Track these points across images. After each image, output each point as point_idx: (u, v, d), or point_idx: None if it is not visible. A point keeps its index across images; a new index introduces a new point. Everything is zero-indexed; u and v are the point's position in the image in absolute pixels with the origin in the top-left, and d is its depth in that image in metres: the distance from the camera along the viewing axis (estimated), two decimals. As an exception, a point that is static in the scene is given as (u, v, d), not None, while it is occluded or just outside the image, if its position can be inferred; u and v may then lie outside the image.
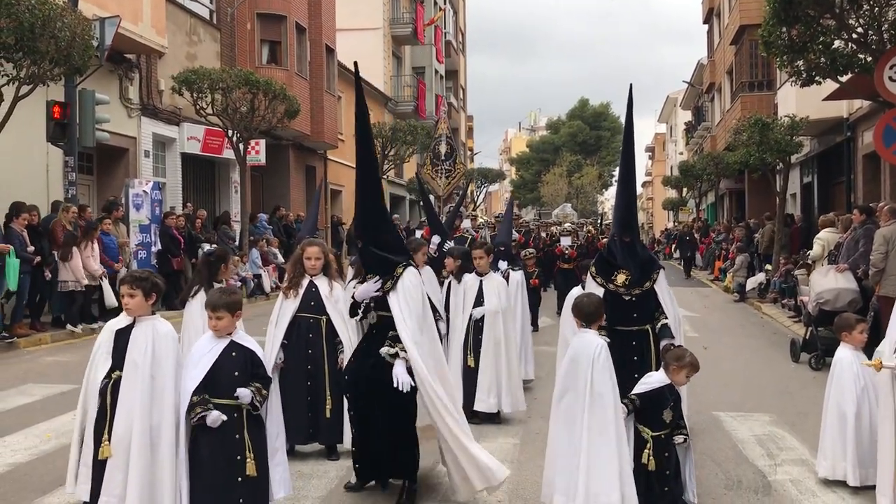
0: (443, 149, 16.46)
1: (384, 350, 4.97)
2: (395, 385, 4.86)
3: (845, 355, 5.79)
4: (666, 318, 5.65)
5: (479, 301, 7.38)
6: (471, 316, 7.34)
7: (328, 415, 6.04)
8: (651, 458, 4.83)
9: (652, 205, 75.58)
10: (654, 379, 5.01)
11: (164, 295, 5.39)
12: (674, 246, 36.01)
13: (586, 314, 4.81)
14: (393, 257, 5.07)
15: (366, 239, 5.09)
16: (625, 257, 5.69)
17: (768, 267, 18.56)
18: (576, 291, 6.82)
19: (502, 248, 8.27)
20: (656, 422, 4.92)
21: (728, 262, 22.05)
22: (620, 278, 5.64)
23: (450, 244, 8.75)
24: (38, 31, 11.01)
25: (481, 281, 7.42)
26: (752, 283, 18.82)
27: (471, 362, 7.25)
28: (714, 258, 26.35)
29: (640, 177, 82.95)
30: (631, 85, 5.81)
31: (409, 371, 4.90)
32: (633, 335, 5.64)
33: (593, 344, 4.68)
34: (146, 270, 4.86)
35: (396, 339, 4.94)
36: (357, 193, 5.15)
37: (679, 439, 4.94)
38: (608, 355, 4.63)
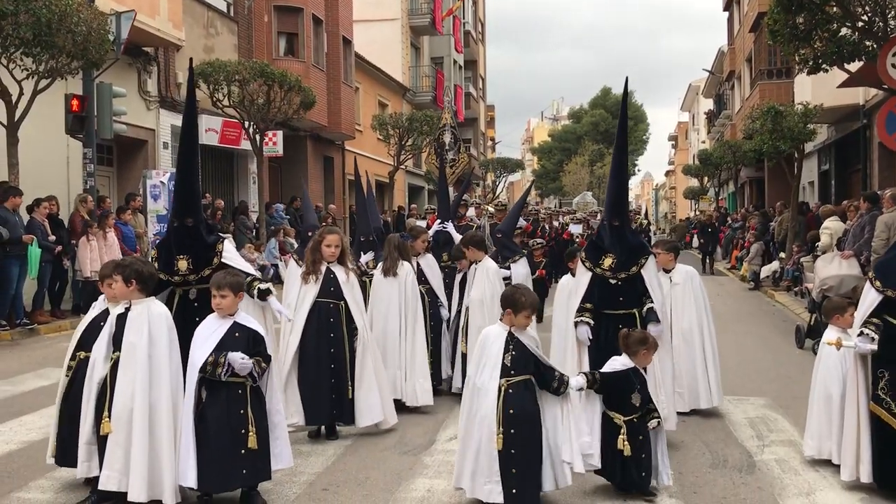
0: (447, 139, 16.57)
1: (262, 287, 5.39)
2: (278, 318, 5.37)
3: (832, 337, 5.88)
4: (652, 302, 5.76)
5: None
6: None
7: (350, 395, 6.27)
8: (626, 442, 4.92)
9: (675, 194, 75.09)
10: (618, 363, 5.12)
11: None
12: (694, 235, 35.68)
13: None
14: (213, 237, 5.70)
15: (191, 223, 5.56)
16: (612, 241, 5.80)
17: (782, 255, 18.52)
18: (565, 280, 6.97)
19: (499, 235, 8.31)
20: (626, 406, 5.02)
21: (744, 251, 22.00)
22: (607, 262, 5.76)
23: (449, 227, 8.85)
24: (55, 26, 11.33)
25: (476, 269, 7.57)
26: (766, 271, 18.80)
27: (463, 348, 7.43)
28: (731, 247, 26.18)
29: (664, 165, 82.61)
30: (627, 77, 6.23)
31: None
32: (620, 319, 5.74)
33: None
34: (131, 258, 5.10)
35: (254, 281, 5.48)
36: (178, 187, 5.75)
37: (653, 423, 5.03)
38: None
